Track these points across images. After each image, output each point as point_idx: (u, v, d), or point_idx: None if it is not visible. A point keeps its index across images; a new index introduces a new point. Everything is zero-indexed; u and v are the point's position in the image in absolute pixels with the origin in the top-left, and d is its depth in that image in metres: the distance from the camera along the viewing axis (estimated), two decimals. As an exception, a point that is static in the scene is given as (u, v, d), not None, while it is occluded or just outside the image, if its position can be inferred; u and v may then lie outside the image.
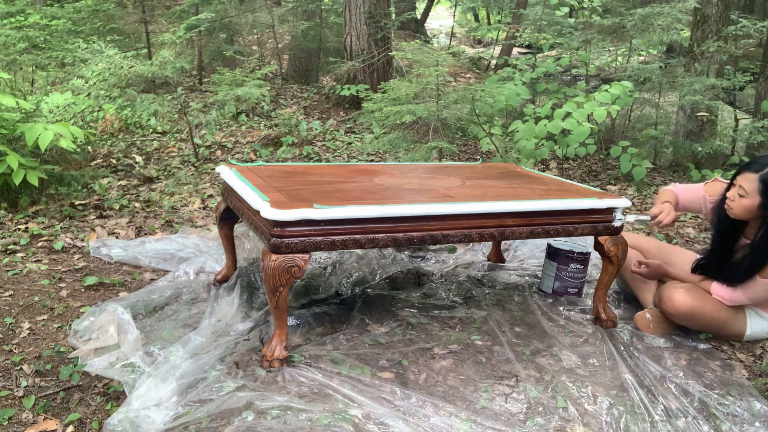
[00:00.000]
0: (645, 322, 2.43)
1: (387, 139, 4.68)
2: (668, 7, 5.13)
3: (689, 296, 2.26)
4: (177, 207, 3.87)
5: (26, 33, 5.82)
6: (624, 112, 5.70)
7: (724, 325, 2.32)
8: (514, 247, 3.33)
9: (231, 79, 5.25)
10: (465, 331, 2.32)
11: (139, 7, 6.83)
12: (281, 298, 1.92)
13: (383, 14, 6.45)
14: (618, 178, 5.09)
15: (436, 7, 16.17)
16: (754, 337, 2.36)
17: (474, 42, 14.05)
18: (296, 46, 7.63)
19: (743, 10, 7.66)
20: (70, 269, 2.75)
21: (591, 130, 3.93)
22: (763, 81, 5.12)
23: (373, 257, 2.97)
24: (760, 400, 2.00)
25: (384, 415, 1.74)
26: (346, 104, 6.65)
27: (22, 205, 3.50)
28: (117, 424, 1.66)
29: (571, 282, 2.69)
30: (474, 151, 5.73)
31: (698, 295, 2.28)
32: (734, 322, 2.31)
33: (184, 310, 2.40)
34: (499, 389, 1.95)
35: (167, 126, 5.82)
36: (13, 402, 1.82)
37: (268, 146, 5.41)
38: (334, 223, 1.91)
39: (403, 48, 5.01)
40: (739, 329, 2.33)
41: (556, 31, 6.38)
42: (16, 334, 2.16)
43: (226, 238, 2.63)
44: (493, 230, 2.15)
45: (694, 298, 2.26)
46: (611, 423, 1.82)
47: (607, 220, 2.33)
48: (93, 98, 5.73)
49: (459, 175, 2.70)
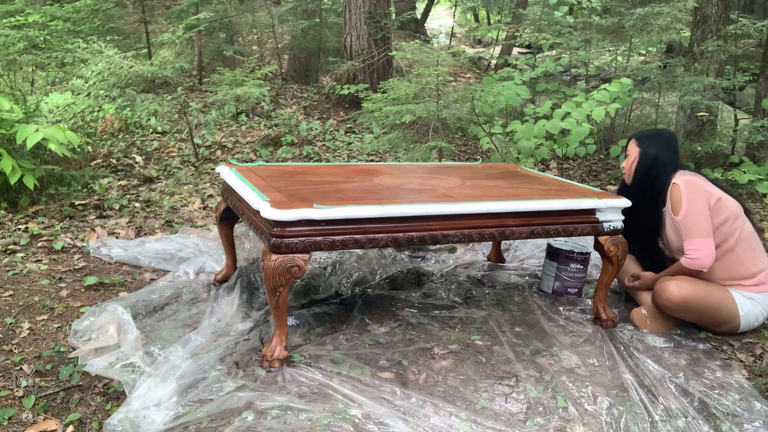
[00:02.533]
0: (642, 318, 2.44)
1: (387, 139, 4.68)
2: (667, 6, 5.12)
3: (681, 287, 2.31)
4: (177, 207, 3.87)
5: (26, 33, 5.82)
6: (624, 112, 5.70)
7: (718, 310, 2.34)
8: (514, 247, 3.33)
9: (231, 79, 5.25)
10: (465, 331, 2.32)
11: (138, 6, 6.82)
12: (281, 298, 1.92)
13: (383, 14, 6.45)
14: (618, 178, 5.09)
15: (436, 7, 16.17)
16: (748, 319, 2.37)
17: (474, 42, 14.05)
18: (296, 46, 7.63)
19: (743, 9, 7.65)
20: (70, 269, 2.75)
21: (590, 130, 3.93)
22: (763, 81, 5.12)
23: (373, 257, 2.97)
24: (760, 400, 2.00)
25: (384, 415, 1.74)
26: (346, 104, 6.65)
27: (22, 205, 3.50)
28: (117, 424, 1.66)
29: (571, 282, 2.69)
30: (474, 151, 5.73)
31: (689, 284, 2.32)
32: (726, 305, 2.34)
33: (184, 310, 2.40)
34: (499, 389, 1.95)
35: (167, 126, 5.82)
36: (13, 402, 1.82)
37: (268, 146, 5.41)
38: (334, 223, 1.91)
39: (403, 48, 5.01)
40: (733, 312, 2.34)
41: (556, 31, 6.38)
42: (16, 334, 2.16)
43: (226, 238, 2.63)
44: (493, 230, 2.15)
45: (686, 287, 2.31)
46: (611, 423, 1.82)
47: (607, 220, 2.34)
48: (93, 98, 5.73)
49: (459, 175, 2.70)
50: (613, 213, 2.34)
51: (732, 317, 2.35)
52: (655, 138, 2.51)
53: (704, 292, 2.32)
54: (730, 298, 2.35)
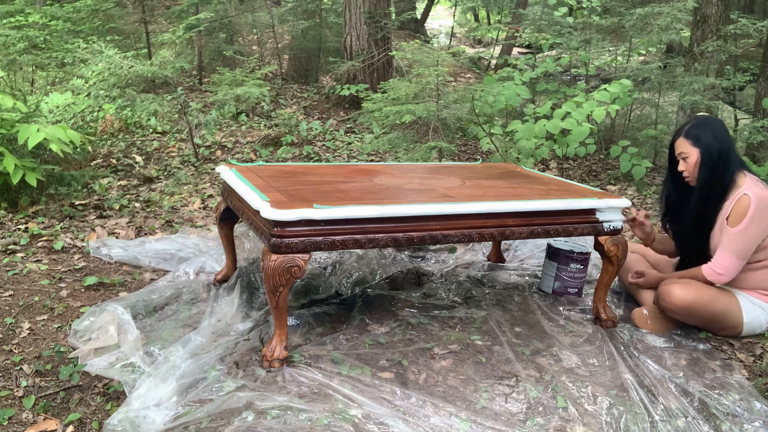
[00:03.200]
0: (642, 318, 2.44)
1: (387, 139, 4.69)
2: (667, 6, 5.12)
3: (686, 290, 2.28)
4: (177, 207, 3.87)
5: (26, 33, 5.82)
6: (624, 112, 5.70)
7: (722, 316, 2.32)
8: (514, 247, 3.33)
9: (231, 79, 5.25)
10: (465, 331, 2.32)
11: (138, 6, 6.82)
12: (281, 298, 1.92)
13: (383, 14, 6.45)
14: (618, 178, 5.09)
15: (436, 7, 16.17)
16: (752, 326, 2.36)
17: (474, 42, 14.05)
18: (296, 46, 7.63)
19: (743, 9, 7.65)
20: (70, 269, 2.75)
21: (590, 130, 3.93)
22: (763, 81, 5.12)
23: (373, 257, 2.97)
24: (760, 400, 2.00)
25: (384, 415, 1.74)
26: (346, 104, 6.65)
27: (22, 205, 3.50)
28: (117, 424, 1.66)
29: (571, 282, 2.69)
30: (474, 151, 5.73)
31: (695, 288, 2.29)
32: (731, 311, 2.32)
33: (184, 310, 2.40)
34: (499, 389, 1.95)
35: (167, 126, 5.82)
36: (13, 402, 1.82)
37: (268, 146, 5.41)
38: (334, 223, 1.91)
39: (403, 48, 5.01)
40: (737, 319, 2.33)
41: (556, 31, 6.37)
42: (16, 334, 2.16)
43: (226, 238, 2.63)
44: (493, 230, 2.15)
45: (691, 292, 2.28)
46: (611, 423, 1.82)
47: (607, 220, 2.34)
48: (93, 98, 5.73)
49: (459, 175, 2.70)
50: (613, 213, 2.34)
51: (735, 324, 2.34)
52: (708, 129, 2.31)
53: (709, 298, 2.29)
54: (735, 304, 2.33)
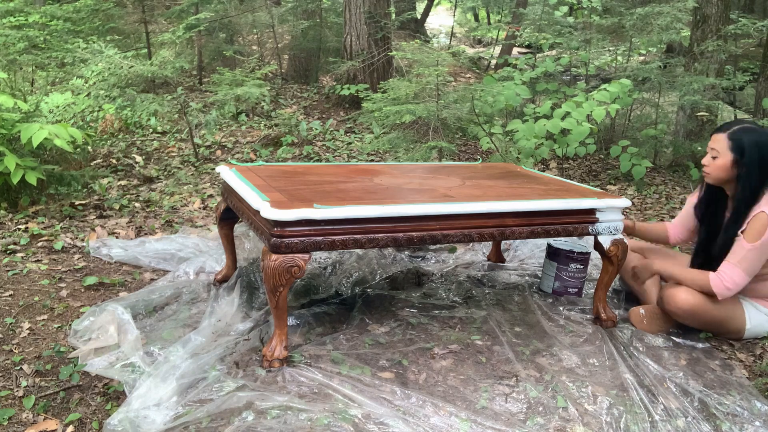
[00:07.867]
0: (639, 318, 2.44)
1: (387, 139, 4.69)
2: (667, 6, 5.13)
3: (691, 295, 2.27)
4: (177, 207, 3.87)
5: (26, 33, 5.82)
6: (624, 112, 5.70)
7: (725, 321, 2.32)
8: (514, 247, 3.33)
9: (231, 79, 5.25)
10: (465, 331, 2.32)
11: (138, 6, 6.82)
12: (281, 298, 1.92)
13: (383, 14, 6.45)
14: (618, 178, 5.09)
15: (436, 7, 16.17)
16: (754, 332, 2.36)
17: (474, 42, 14.05)
18: (296, 46, 7.63)
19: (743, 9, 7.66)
20: (70, 269, 2.75)
21: (590, 129, 3.93)
22: (763, 81, 5.12)
23: (373, 257, 2.97)
24: (760, 399, 2.00)
25: (384, 415, 1.74)
26: (346, 104, 6.65)
27: (22, 205, 3.50)
28: (117, 424, 1.66)
29: (571, 282, 2.69)
30: (474, 150, 5.73)
31: (700, 293, 2.28)
32: (734, 317, 2.32)
33: (184, 310, 2.40)
34: (499, 389, 1.95)
35: (167, 126, 5.82)
36: (13, 402, 1.82)
37: (268, 146, 5.41)
38: (334, 223, 1.91)
39: (403, 48, 5.01)
40: (740, 324, 2.33)
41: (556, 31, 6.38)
42: (16, 334, 2.16)
43: (226, 238, 2.63)
44: (493, 230, 2.15)
45: (696, 296, 2.27)
46: (611, 423, 1.82)
47: (607, 220, 2.34)
48: (93, 98, 5.73)
49: (459, 175, 2.70)
50: (613, 213, 2.34)
51: (738, 329, 2.35)
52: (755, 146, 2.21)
53: (713, 303, 2.28)
54: (739, 310, 2.33)
